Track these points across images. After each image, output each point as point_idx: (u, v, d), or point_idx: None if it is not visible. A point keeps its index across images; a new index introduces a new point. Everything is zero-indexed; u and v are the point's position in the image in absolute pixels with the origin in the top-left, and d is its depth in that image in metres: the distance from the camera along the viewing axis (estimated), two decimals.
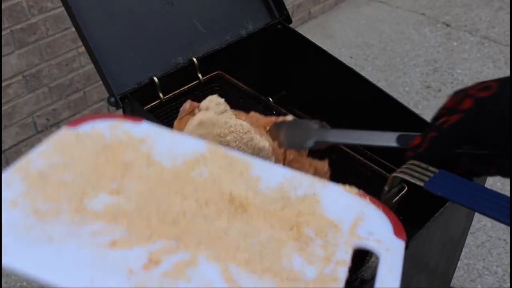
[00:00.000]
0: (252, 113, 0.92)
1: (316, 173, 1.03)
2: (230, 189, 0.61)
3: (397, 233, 0.60)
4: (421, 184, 0.68)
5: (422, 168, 0.71)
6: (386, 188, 0.81)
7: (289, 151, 0.97)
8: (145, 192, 0.58)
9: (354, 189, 0.65)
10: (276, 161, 0.92)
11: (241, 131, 0.85)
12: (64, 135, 0.63)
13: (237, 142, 0.84)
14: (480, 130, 0.63)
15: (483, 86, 0.65)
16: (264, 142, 0.87)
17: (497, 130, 0.61)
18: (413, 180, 0.70)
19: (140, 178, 0.60)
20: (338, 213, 0.62)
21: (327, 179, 1.03)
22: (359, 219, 0.61)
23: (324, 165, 1.02)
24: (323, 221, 0.60)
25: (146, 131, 0.65)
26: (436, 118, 0.70)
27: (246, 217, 0.59)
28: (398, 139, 0.78)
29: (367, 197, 0.64)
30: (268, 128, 0.91)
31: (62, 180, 0.57)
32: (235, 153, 0.66)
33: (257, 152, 0.86)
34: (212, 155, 0.65)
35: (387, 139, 0.79)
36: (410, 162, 0.74)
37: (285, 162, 0.95)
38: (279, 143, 0.90)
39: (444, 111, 0.69)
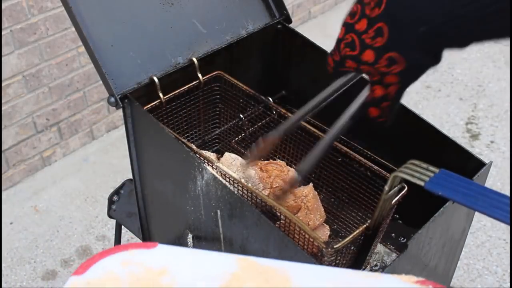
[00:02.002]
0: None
1: (295, 198, 1.04)
2: None
3: None
4: (422, 184, 0.68)
5: (423, 168, 0.71)
6: (386, 187, 0.81)
7: (275, 180, 1.08)
8: None
9: (412, 278, 0.56)
10: (264, 187, 1.07)
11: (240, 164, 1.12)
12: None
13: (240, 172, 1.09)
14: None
15: (388, 59, 0.62)
16: (251, 171, 1.09)
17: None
18: (413, 180, 0.70)
19: None
20: None
21: (310, 202, 1.04)
22: None
23: (303, 190, 1.07)
24: None
25: (164, 258, 0.56)
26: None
27: None
28: (354, 117, 0.78)
29: (429, 285, 0.54)
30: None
31: None
32: (267, 262, 0.57)
33: (248, 178, 1.07)
34: (245, 273, 0.54)
35: (347, 122, 0.80)
36: (410, 162, 0.74)
37: (271, 189, 1.07)
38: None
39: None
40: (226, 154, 1.16)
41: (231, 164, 1.12)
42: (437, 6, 0.57)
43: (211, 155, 1.17)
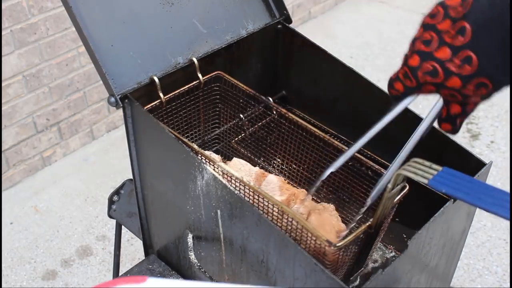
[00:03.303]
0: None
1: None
2: None
3: None
4: (425, 181, 0.68)
5: (426, 166, 0.71)
6: (389, 185, 0.81)
7: (301, 193, 1.10)
8: None
9: None
10: (280, 195, 1.08)
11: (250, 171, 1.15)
12: None
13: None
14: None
15: (464, 57, 0.60)
16: (273, 178, 1.12)
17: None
18: (417, 178, 0.70)
19: None
20: None
21: (332, 221, 1.05)
22: None
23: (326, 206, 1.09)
24: None
25: None
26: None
27: None
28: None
29: None
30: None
31: None
32: None
33: (267, 183, 1.10)
34: None
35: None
36: (413, 160, 0.74)
37: (292, 199, 1.08)
38: None
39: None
40: (235, 159, 1.17)
41: (239, 170, 1.12)
42: None
43: (216, 157, 1.17)
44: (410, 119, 1.18)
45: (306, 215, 1.06)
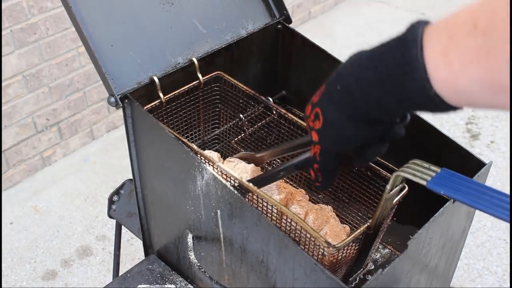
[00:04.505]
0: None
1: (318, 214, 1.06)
2: None
3: None
4: (424, 183, 0.68)
5: (424, 167, 0.71)
6: (388, 186, 0.81)
7: (298, 193, 1.12)
8: None
9: None
10: (278, 193, 1.08)
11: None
12: None
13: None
14: (340, 144, 0.70)
15: (314, 114, 0.71)
16: None
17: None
18: (415, 179, 0.70)
19: None
20: None
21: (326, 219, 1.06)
22: None
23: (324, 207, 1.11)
24: None
25: None
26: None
27: None
28: (297, 167, 0.92)
29: None
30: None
31: None
32: None
33: None
34: None
35: (291, 169, 0.94)
36: (412, 161, 0.74)
37: (289, 198, 1.10)
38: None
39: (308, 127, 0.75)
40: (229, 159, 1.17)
41: (234, 168, 1.12)
42: (351, 72, 0.63)
43: (214, 155, 1.16)
44: (410, 119, 1.18)
45: (304, 215, 1.06)
